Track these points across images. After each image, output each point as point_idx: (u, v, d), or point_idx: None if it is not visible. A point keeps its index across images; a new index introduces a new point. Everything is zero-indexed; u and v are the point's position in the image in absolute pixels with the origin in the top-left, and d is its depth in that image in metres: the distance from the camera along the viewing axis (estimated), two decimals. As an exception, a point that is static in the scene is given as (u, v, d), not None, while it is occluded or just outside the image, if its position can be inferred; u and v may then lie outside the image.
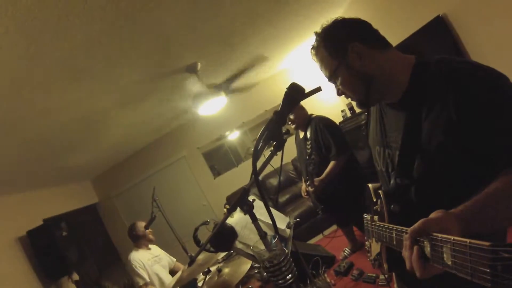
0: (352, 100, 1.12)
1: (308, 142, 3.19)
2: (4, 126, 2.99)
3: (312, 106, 3.16)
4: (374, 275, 3.04)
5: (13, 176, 4.16)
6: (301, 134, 3.35)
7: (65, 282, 4.64)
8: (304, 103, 3.31)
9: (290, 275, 1.03)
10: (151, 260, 3.47)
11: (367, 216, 1.27)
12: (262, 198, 1.09)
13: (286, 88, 1.06)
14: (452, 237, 0.60)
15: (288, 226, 2.15)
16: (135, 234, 3.51)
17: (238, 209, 1.63)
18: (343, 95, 1.13)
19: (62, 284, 4.58)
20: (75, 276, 4.79)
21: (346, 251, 3.60)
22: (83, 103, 3.39)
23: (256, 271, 2.66)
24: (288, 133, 2.79)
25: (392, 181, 1.09)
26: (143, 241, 3.52)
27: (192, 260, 1.77)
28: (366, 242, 1.34)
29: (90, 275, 5.18)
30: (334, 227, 4.75)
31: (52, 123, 3.47)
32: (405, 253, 0.75)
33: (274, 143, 1.05)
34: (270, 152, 1.10)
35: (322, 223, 4.94)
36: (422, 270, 0.70)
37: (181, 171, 6.80)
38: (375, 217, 1.16)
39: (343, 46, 1.03)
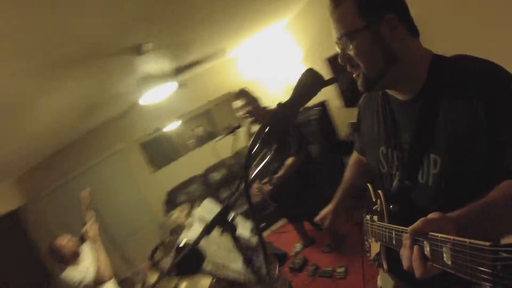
0: (356, 76, 1.03)
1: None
2: None
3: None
4: (330, 269, 3.15)
5: None
6: (254, 128, 3.31)
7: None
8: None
9: None
10: (89, 270, 3.06)
11: (367, 216, 1.30)
12: (254, 220, 0.98)
13: (301, 74, 0.87)
14: (452, 237, 0.61)
15: (252, 231, 2.08)
16: (59, 256, 3.04)
17: (198, 223, 1.48)
18: (347, 65, 1.03)
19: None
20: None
21: (297, 246, 3.70)
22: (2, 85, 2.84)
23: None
24: (238, 127, 2.79)
25: (395, 182, 1.10)
26: (70, 260, 3.05)
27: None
28: (366, 242, 1.37)
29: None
30: (281, 222, 4.86)
31: None
32: (405, 252, 0.76)
33: (275, 146, 0.86)
34: (267, 157, 0.90)
35: (269, 219, 4.99)
36: (422, 270, 0.72)
37: (117, 166, 6.47)
38: (375, 217, 1.19)
39: (379, 11, 0.96)
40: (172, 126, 6.54)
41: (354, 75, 1.03)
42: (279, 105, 0.87)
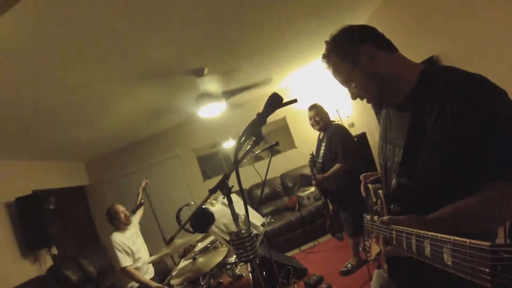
0: (367, 101, 1.12)
1: (323, 144, 3.43)
2: (16, 90, 2.92)
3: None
4: None
5: (14, 143, 4.07)
6: (321, 135, 3.56)
7: (43, 254, 4.48)
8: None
9: (251, 252, 1.17)
10: (131, 239, 3.47)
11: (367, 216, 1.25)
12: (239, 186, 1.21)
13: (269, 96, 1.17)
14: (452, 237, 0.58)
15: (262, 225, 2.32)
16: (113, 218, 3.46)
17: (220, 200, 1.88)
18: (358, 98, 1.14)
19: (40, 256, 4.41)
20: (54, 250, 4.63)
21: (348, 265, 3.53)
22: (94, 86, 3.39)
23: (228, 267, 2.66)
24: (277, 144, 2.91)
25: (394, 181, 1.08)
26: (120, 225, 3.46)
27: (171, 238, 1.89)
28: (366, 242, 1.33)
29: (68, 251, 5.01)
30: (311, 243, 4.82)
31: (62, 100, 3.43)
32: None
33: (254, 138, 1.18)
34: (249, 146, 1.23)
35: (300, 238, 4.95)
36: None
37: (173, 169, 6.68)
38: (375, 217, 1.13)
39: (355, 49, 1.04)
40: (229, 144, 6.66)
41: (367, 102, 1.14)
42: (257, 114, 1.18)
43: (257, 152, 3.21)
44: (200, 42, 3.30)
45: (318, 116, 3.44)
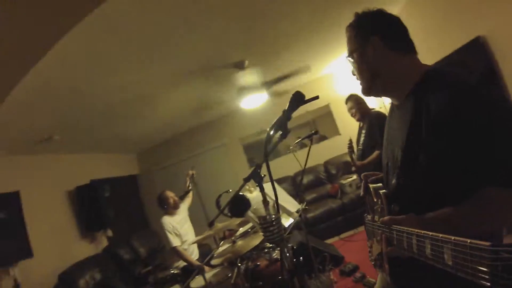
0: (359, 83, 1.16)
1: (363, 132, 3.48)
2: (76, 93, 3.22)
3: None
4: (373, 280, 3.02)
5: (74, 138, 4.50)
6: (361, 123, 3.61)
7: (100, 236, 4.91)
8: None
9: (277, 235, 1.23)
10: (180, 223, 3.71)
11: (368, 216, 1.24)
12: (269, 176, 1.26)
13: (292, 94, 1.25)
14: (452, 237, 0.57)
15: (297, 211, 2.40)
16: (163, 203, 3.72)
17: (258, 188, 1.77)
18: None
19: (96, 237, 4.85)
20: (109, 232, 5.02)
21: None
22: (144, 84, 3.64)
23: (265, 251, 2.81)
24: (316, 133, 2.91)
25: (394, 181, 1.06)
26: (169, 209, 3.71)
27: (212, 221, 2.04)
28: (367, 242, 1.30)
29: (121, 233, 5.39)
30: (351, 231, 4.72)
31: (117, 98, 3.74)
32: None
33: (281, 132, 1.27)
34: (277, 139, 1.33)
35: (340, 226, 4.87)
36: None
37: (220, 157, 6.79)
38: (376, 217, 1.11)
39: (367, 35, 1.06)
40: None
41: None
42: (283, 111, 1.25)
43: (298, 140, 3.33)
44: (239, 37, 3.38)
45: (354, 108, 3.50)
